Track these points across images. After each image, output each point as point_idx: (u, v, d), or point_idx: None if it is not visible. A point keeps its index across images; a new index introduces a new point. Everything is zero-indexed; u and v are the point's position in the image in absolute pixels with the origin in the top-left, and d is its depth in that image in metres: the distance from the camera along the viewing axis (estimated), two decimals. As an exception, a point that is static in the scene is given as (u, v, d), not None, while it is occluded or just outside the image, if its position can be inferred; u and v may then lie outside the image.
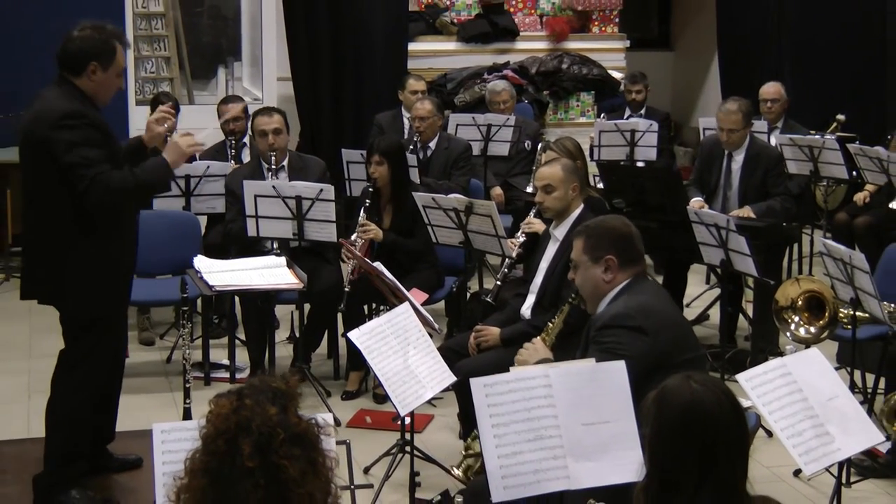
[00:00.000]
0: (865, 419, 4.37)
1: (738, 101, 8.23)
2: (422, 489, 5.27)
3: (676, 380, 3.16)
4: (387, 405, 6.59)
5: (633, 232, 4.78)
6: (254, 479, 2.59)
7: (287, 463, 2.61)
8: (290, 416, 2.69)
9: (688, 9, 14.93)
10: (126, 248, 5.52)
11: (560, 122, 12.13)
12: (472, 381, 3.86)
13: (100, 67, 5.27)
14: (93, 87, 5.30)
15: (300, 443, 2.66)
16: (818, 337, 6.51)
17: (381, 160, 7.17)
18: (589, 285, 4.73)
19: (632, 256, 4.69)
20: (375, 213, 7.26)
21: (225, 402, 2.68)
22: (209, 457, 2.64)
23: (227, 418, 2.65)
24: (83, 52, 5.25)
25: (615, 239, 4.70)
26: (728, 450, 3.07)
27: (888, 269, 6.90)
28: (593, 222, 4.91)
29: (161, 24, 12.87)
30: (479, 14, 12.39)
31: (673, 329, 4.47)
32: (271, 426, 2.63)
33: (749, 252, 6.84)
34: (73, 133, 5.14)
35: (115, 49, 5.33)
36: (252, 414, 2.64)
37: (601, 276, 4.66)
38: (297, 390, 2.77)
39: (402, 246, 7.17)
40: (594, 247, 4.68)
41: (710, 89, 14.02)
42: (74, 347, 5.45)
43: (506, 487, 3.76)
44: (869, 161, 8.74)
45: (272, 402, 2.68)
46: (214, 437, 2.64)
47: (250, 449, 2.60)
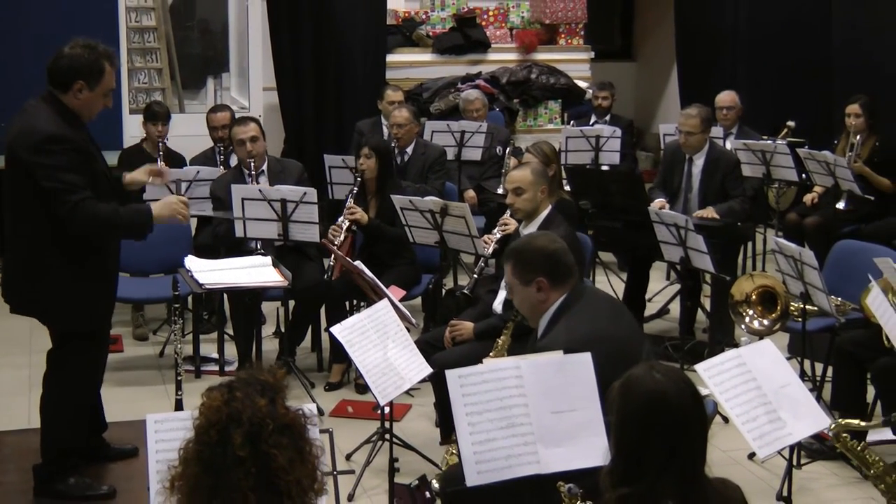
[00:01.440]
0: (814, 405, 4.38)
1: (698, 107, 8.26)
2: (400, 474, 5.26)
3: (640, 370, 3.17)
4: (367, 395, 6.59)
5: (560, 248, 4.63)
6: (245, 467, 2.59)
7: (276, 452, 2.62)
8: (279, 408, 2.69)
9: (649, 22, 14.97)
10: (105, 268, 5.42)
11: (529, 128, 12.14)
12: (448, 373, 3.86)
13: (87, 86, 5.12)
14: (78, 105, 5.16)
15: (288, 432, 2.67)
16: (771, 329, 6.53)
17: (370, 154, 7.27)
18: (525, 306, 4.65)
19: (562, 274, 4.57)
20: (362, 203, 7.31)
21: (216, 395, 2.68)
22: (202, 446, 2.64)
23: (218, 410, 2.65)
24: (72, 69, 5.10)
25: (542, 260, 4.56)
26: (688, 435, 3.08)
27: (835, 266, 6.94)
28: (520, 244, 4.80)
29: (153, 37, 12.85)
30: (453, 27, 12.39)
31: (614, 355, 4.21)
32: (261, 417, 2.63)
33: (706, 250, 6.86)
34: (53, 158, 4.99)
35: (104, 69, 5.16)
36: (242, 406, 2.64)
37: (535, 296, 4.57)
38: (284, 383, 2.77)
39: (385, 232, 7.20)
40: (523, 270, 4.57)
41: (669, 98, 14.05)
42: (59, 349, 5.41)
43: (479, 472, 3.76)
44: (817, 164, 8.78)
45: (261, 395, 2.68)
46: (207, 427, 2.64)
47: (241, 439, 2.60)
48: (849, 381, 6.20)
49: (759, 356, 4.35)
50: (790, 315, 6.53)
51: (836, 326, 6.55)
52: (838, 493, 5.82)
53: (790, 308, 6.51)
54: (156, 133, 8.41)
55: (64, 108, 5.14)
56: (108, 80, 5.21)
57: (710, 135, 8.36)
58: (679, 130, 8.20)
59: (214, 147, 8.45)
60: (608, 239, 8.25)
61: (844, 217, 8.79)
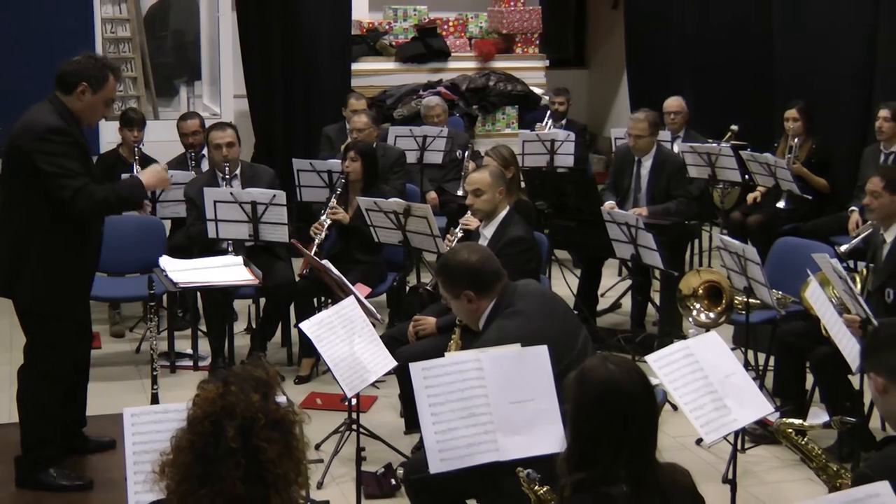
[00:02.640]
0: (757, 393, 4.40)
1: (646, 112, 8.30)
2: (367, 463, 5.25)
3: (594, 361, 3.19)
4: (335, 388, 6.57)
5: (480, 259, 4.68)
6: (235, 458, 2.58)
7: (266, 445, 2.61)
8: (271, 403, 2.68)
9: (600, 31, 15.02)
10: (86, 253, 5.42)
11: (488, 133, 12.15)
12: (412, 366, 3.86)
13: (89, 89, 5.21)
14: (80, 107, 5.24)
15: (278, 428, 2.66)
16: (716, 321, 6.57)
17: (356, 157, 7.28)
18: (462, 314, 4.76)
19: (486, 283, 4.62)
20: (344, 202, 7.29)
21: (212, 388, 2.67)
22: (195, 436, 2.63)
23: (213, 402, 2.64)
24: (77, 73, 5.21)
25: (466, 274, 4.63)
26: (640, 422, 3.09)
27: (776, 261, 6.98)
28: (444, 261, 4.86)
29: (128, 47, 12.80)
30: (415, 37, 12.39)
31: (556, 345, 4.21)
32: (254, 411, 2.63)
33: (656, 247, 6.88)
34: (55, 146, 5.10)
35: (108, 77, 5.27)
36: (237, 400, 2.63)
37: (467, 306, 4.65)
38: (276, 380, 2.76)
39: (364, 232, 7.17)
40: (451, 286, 4.67)
41: (620, 103, 14.10)
42: (32, 343, 5.38)
43: (442, 460, 3.76)
44: (759, 166, 8.83)
45: (255, 390, 2.67)
46: (201, 418, 2.63)
47: (234, 431, 2.59)
48: (790, 370, 6.25)
49: (706, 347, 4.36)
50: (734, 308, 6.57)
51: (778, 318, 6.59)
52: (780, 474, 5.86)
53: (734, 301, 6.55)
54: (131, 139, 8.34)
55: (66, 109, 5.23)
56: (110, 88, 5.32)
57: (659, 138, 8.41)
58: (628, 134, 8.25)
59: (186, 152, 8.41)
60: (563, 237, 8.27)
61: (785, 215, 8.85)
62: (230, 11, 11.63)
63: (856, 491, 3.13)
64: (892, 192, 5.99)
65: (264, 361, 2.83)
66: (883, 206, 6.03)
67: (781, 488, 5.70)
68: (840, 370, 5.56)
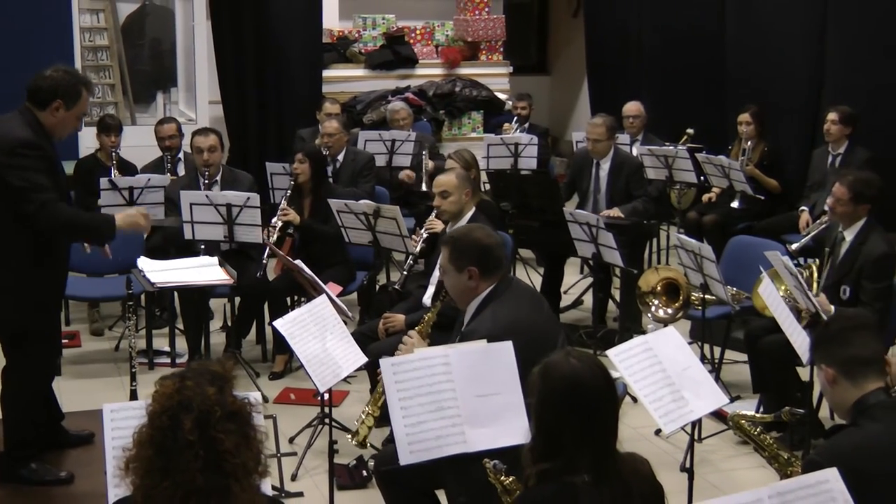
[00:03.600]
0: (713, 385, 4.42)
1: (603, 116, 8.32)
2: (339, 455, 5.23)
3: (557, 356, 3.20)
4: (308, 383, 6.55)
5: (495, 242, 4.62)
6: (194, 450, 2.57)
7: (223, 436, 2.60)
8: (227, 396, 2.67)
9: (561, 39, 15.05)
10: (53, 272, 5.31)
11: (454, 136, 12.16)
12: (382, 361, 3.85)
13: (63, 106, 5.12)
14: (53, 123, 5.14)
15: (235, 419, 2.65)
16: (674, 317, 6.60)
17: (303, 159, 7.25)
18: (456, 290, 4.63)
19: (492, 266, 4.55)
20: (297, 205, 7.27)
21: (169, 383, 2.66)
22: (154, 431, 2.62)
23: (170, 397, 2.63)
24: (52, 89, 5.09)
25: (477, 251, 4.53)
26: (601, 414, 3.11)
27: (731, 259, 7.01)
28: (459, 233, 4.78)
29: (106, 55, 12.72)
30: (384, 45, 12.38)
31: (535, 341, 4.24)
32: (209, 404, 2.62)
33: (616, 246, 6.90)
34: (25, 160, 4.98)
35: (81, 93, 5.18)
36: (193, 394, 2.62)
37: (466, 283, 4.55)
38: (232, 373, 2.75)
39: (317, 230, 7.16)
40: (458, 258, 4.55)
41: (581, 108, 14.13)
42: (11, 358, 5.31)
43: (412, 452, 3.76)
44: (714, 168, 8.88)
45: (210, 384, 2.66)
46: (160, 413, 2.62)
47: (191, 424, 2.58)
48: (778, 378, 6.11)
49: (664, 342, 4.37)
50: (691, 304, 6.60)
51: (732, 314, 6.63)
52: (734, 462, 5.89)
53: (691, 298, 6.59)
54: (109, 144, 8.32)
55: (37, 122, 5.12)
56: (82, 104, 5.22)
57: (618, 141, 8.43)
58: (587, 138, 8.27)
59: (163, 156, 8.38)
60: (527, 237, 8.28)
61: (738, 215, 8.90)
62: (205, 21, 11.59)
63: (806, 478, 3.16)
64: (856, 203, 5.98)
65: (221, 357, 2.83)
66: (846, 213, 6.05)
67: (736, 476, 5.74)
68: (789, 359, 5.60)
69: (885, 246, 5.91)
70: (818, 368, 3.58)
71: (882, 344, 3.70)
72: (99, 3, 12.64)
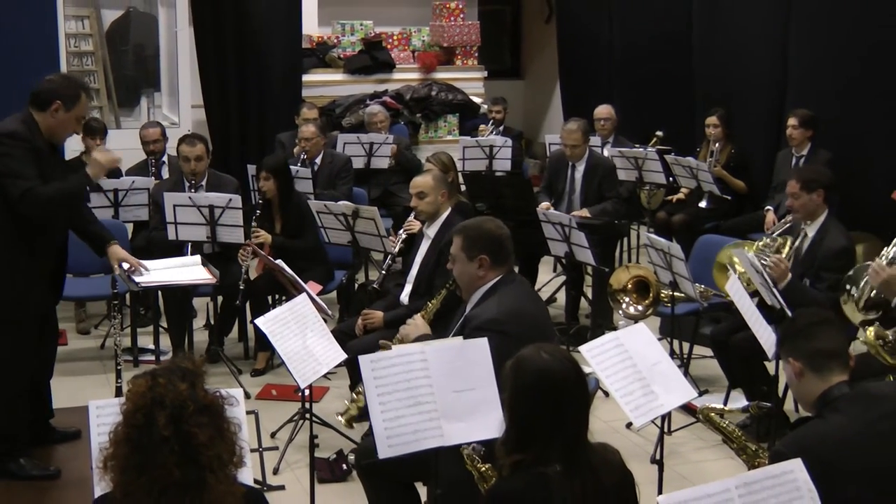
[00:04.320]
0: (682, 379, 4.44)
1: (578, 121, 8.34)
2: (320, 449, 5.24)
3: (529, 350, 3.20)
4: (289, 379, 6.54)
5: (505, 235, 4.66)
6: (169, 445, 2.58)
7: (197, 430, 2.61)
8: (198, 391, 2.68)
9: (535, 44, 15.06)
10: (36, 263, 5.27)
11: (431, 139, 12.14)
12: (361, 358, 3.84)
13: (63, 107, 5.15)
14: (52, 124, 5.16)
15: (207, 413, 2.66)
16: (644, 314, 6.61)
17: (268, 176, 7.15)
18: (465, 278, 4.64)
19: (502, 257, 4.59)
20: (268, 220, 7.20)
21: (141, 382, 2.67)
22: (130, 429, 2.63)
23: (143, 395, 2.64)
24: (52, 91, 5.14)
25: (488, 241, 4.58)
26: (572, 407, 3.11)
27: (699, 257, 7.04)
28: (472, 223, 4.78)
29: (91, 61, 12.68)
30: (362, 50, 12.36)
31: (534, 331, 4.27)
32: (182, 400, 2.63)
33: (588, 245, 6.92)
34: (8, 149, 5.01)
35: (80, 96, 5.22)
36: (165, 390, 2.63)
37: (475, 271, 4.57)
38: (202, 369, 2.76)
39: (290, 247, 7.07)
40: (470, 246, 4.57)
41: (553, 111, 14.15)
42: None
43: (390, 446, 3.75)
44: (682, 169, 8.91)
45: (182, 380, 2.67)
46: (134, 411, 2.63)
47: (165, 420, 2.59)
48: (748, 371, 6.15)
49: (635, 338, 4.39)
50: (661, 301, 6.62)
51: (700, 310, 6.66)
52: (703, 454, 5.92)
53: (661, 295, 6.60)
54: (94, 146, 8.28)
55: (34, 122, 5.14)
56: (81, 107, 5.25)
57: (590, 144, 8.45)
58: (564, 144, 8.27)
59: (147, 159, 8.35)
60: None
61: (706, 215, 8.94)
62: (187, 27, 11.55)
63: (772, 468, 3.17)
64: (808, 191, 6.08)
65: (191, 354, 2.84)
66: (804, 205, 6.11)
67: (704, 467, 5.76)
68: (756, 355, 5.63)
69: (844, 240, 6.01)
70: (785, 362, 3.60)
71: (846, 337, 3.73)
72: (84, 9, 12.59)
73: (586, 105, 10.33)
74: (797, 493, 3.11)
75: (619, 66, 12.05)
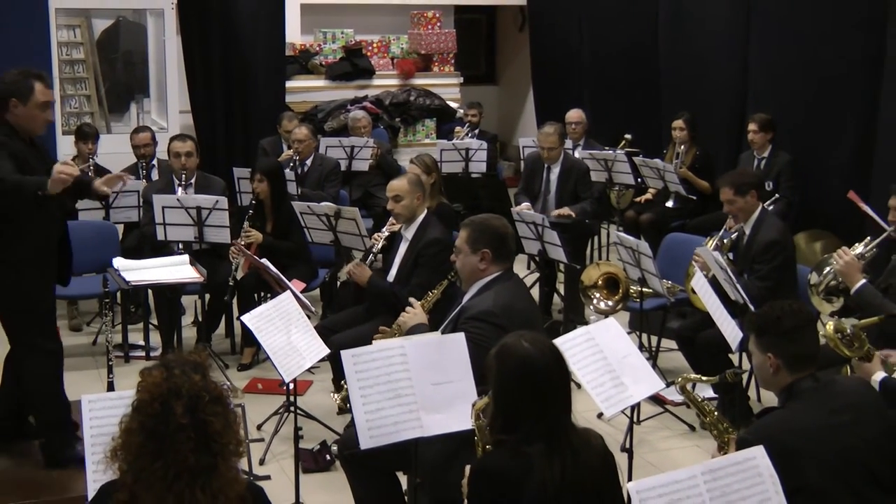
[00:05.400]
0: (650, 371, 4.44)
1: (554, 125, 8.35)
2: (304, 440, 5.23)
3: (511, 339, 3.23)
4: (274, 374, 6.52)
5: (509, 233, 4.69)
6: (186, 432, 2.59)
7: (213, 419, 2.63)
8: (209, 382, 2.70)
9: (509, 51, 15.08)
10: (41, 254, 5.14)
11: (409, 143, 12.15)
12: (343, 353, 3.84)
13: (20, 102, 4.96)
14: (17, 120, 4.99)
15: (220, 403, 2.68)
16: (614, 309, 6.63)
17: (262, 178, 7.13)
18: (467, 269, 4.66)
19: (504, 253, 4.62)
20: (260, 220, 7.18)
21: (156, 373, 2.67)
22: (145, 417, 2.62)
23: (159, 385, 2.64)
24: (5, 90, 4.97)
25: (492, 236, 4.60)
26: (553, 390, 3.14)
27: (666, 255, 7.06)
28: (479, 218, 4.79)
29: (83, 68, 12.62)
30: (343, 57, 12.36)
31: (524, 327, 4.07)
32: (198, 390, 2.64)
33: (560, 243, 6.92)
34: None
35: (33, 87, 4.98)
36: (181, 381, 2.64)
37: (477, 264, 4.59)
38: (207, 362, 2.78)
39: (278, 247, 7.05)
40: (475, 240, 4.60)
41: (527, 115, 14.17)
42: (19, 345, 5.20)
43: (371, 437, 3.75)
44: (650, 170, 8.93)
45: (195, 371, 2.69)
46: (150, 401, 2.63)
47: (182, 409, 2.60)
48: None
49: (605, 332, 4.39)
50: (630, 297, 6.64)
51: (668, 305, 6.68)
52: (670, 442, 5.94)
53: (630, 291, 6.62)
54: (86, 151, 8.28)
55: (8, 125, 4.98)
56: (38, 95, 5.01)
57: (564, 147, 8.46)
58: (541, 147, 8.29)
59: (137, 163, 8.32)
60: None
61: (673, 214, 8.96)
62: (175, 35, 11.52)
63: (735, 455, 3.20)
64: (742, 194, 6.15)
65: (196, 347, 2.84)
66: (741, 208, 6.19)
67: (672, 455, 5.78)
68: (722, 350, 5.65)
69: (775, 233, 6.07)
70: (762, 354, 3.60)
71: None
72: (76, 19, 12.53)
73: (558, 109, 10.35)
74: (759, 479, 3.13)
75: (590, 73, 12.08)
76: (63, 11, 11.73)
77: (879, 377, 4.38)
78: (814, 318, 3.84)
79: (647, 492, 3.00)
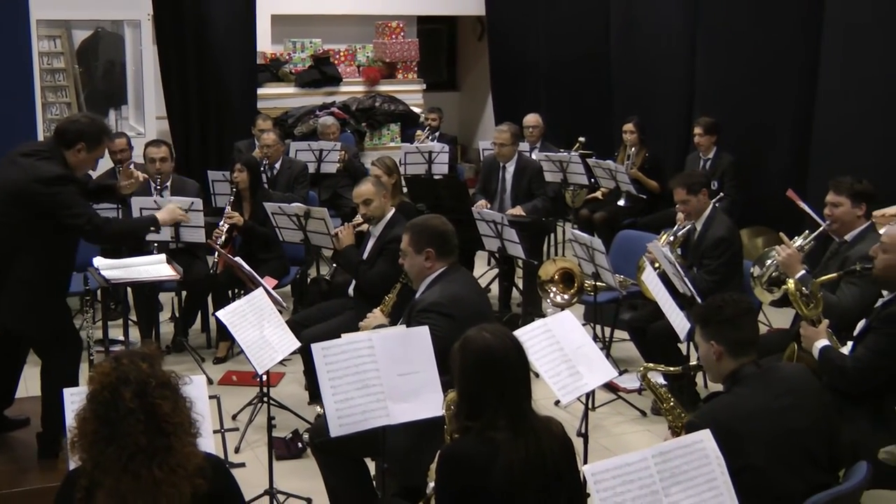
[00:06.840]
0: (604, 361, 4.44)
1: (508, 124, 8.37)
2: (277, 430, 5.20)
3: (473, 331, 3.23)
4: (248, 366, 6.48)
5: (449, 230, 4.70)
6: (135, 416, 2.61)
7: (161, 402, 2.65)
8: (157, 369, 2.71)
9: (469, 59, 15.07)
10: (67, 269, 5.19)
11: (375, 146, 12.11)
12: (313, 346, 3.82)
13: (86, 148, 5.00)
14: (75, 161, 5.01)
15: (168, 387, 2.70)
16: (570, 302, 6.65)
17: (242, 168, 7.21)
18: (415, 269, 4.68)
19: (446, 250, 4.63)
20: (239, 208, 7.22)
21: (106, 365, 2.70)
22: (96, 405, 2.64)
23: (108, 374, 2.66)
24: (79, 132, 4.98)
25: (433, 235, 4.62)
26: (515, 378, 3.16)
27: (618, 251, 7.09)
28: (419, 220, 4.81)
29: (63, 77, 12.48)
30: (311, 65, 12.30)
31: (474, 316, 4.24)
32: (145, 376, 2.66)
33: (518, 241, 6.93)
34: (66, 188, 4.88)
35: (102, 140, 5.10)
36: (128, 369, 2.67)
37: (423, 263, 4.61)
38: (157, 353, 2.79)
39: (257, 231, 7.12)
40: (417, 241, 4.62)
41: (486, 119, 14.18)
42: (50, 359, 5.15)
43: (341, 425, 3.75)
44: (602, 171, 8.96)
45: (142, 360, 2.71)
46: (100, 390, 2.65)
47: (130, 394, 2.62)
48: None
49: (561, 324, 4.40)
50: (585, 290, 6.66)
51: (620, 298, 6.70)
52: (623, 427, 5.97)
53: (585, 285, 6.64)
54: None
55: (64, 160, 5.00)
56: (101, 149, 5.16)
57: (519, 148, 8.46)
58: (494, 142, 8.30)
59: (115, 167, 8.23)
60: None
61: (624, 212, 9.00)
62: (151, 45, 11.41)
63: (684, 439, 3.21)
64: (694, 193, 6.21)
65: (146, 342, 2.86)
66: (694, 207, 6.24)
67: (625, 439, 5.80)
68: (672, 340, 5.68)
69: (724, 231, 6.14)
70: (705, 342, 3.63)
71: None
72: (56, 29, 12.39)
73: (516, 114, 10.35)
74: (706, 460, 3.15)
75: (546, 79, 12.11)
76: (44, 22, 11.60)
77: (821, 344, 4.43)
78: (753, 306, 3.87)
79: (601, 473, 3.01)
